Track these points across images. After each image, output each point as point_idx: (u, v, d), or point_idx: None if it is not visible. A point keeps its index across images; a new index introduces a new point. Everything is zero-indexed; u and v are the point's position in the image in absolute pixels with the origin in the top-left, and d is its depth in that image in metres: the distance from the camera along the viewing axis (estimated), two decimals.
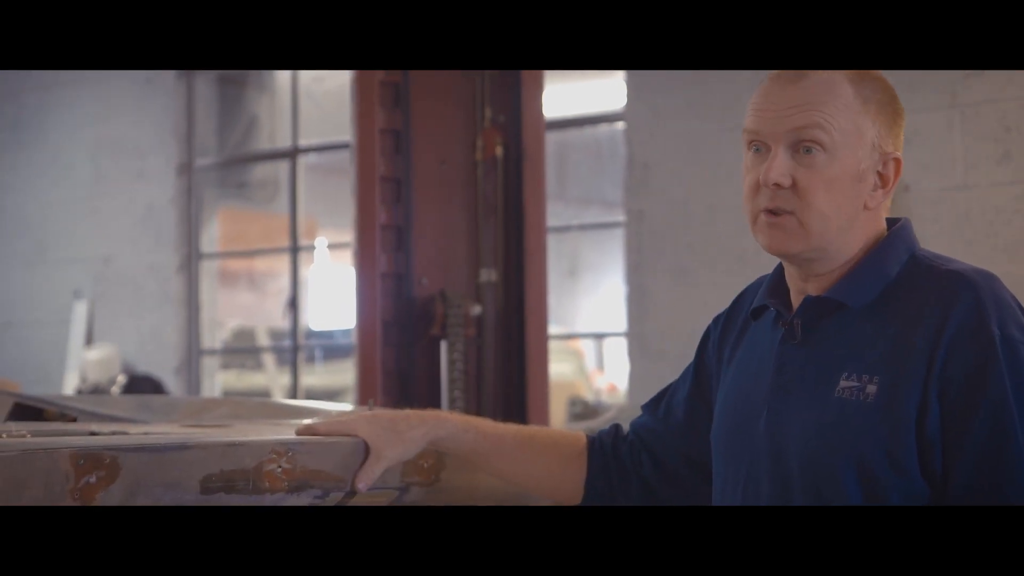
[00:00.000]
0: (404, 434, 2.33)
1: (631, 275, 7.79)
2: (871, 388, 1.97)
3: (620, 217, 8.08)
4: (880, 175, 2.07)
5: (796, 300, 2.14)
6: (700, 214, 7.46)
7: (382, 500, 2.36)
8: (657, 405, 2.42)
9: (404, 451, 2.34)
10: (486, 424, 2.45)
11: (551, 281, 6.26)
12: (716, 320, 2.37)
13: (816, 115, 2.04)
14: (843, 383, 2.00)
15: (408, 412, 2.40)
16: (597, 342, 12.32)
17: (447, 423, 2.38)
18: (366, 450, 2.30)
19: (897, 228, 2.11)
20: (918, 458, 1.94)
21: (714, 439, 2.22)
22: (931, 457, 1.93)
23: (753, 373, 2.16)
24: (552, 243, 6.65)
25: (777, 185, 2.04)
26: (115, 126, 9.80)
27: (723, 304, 2.42)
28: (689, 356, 2.43)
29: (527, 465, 2.43)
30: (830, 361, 2.03)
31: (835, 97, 2.04)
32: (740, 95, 7.97)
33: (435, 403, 5.74)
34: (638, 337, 7.73)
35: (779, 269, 2.20)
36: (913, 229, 2.13)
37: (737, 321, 2.29)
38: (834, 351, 2.04)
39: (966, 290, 1.96)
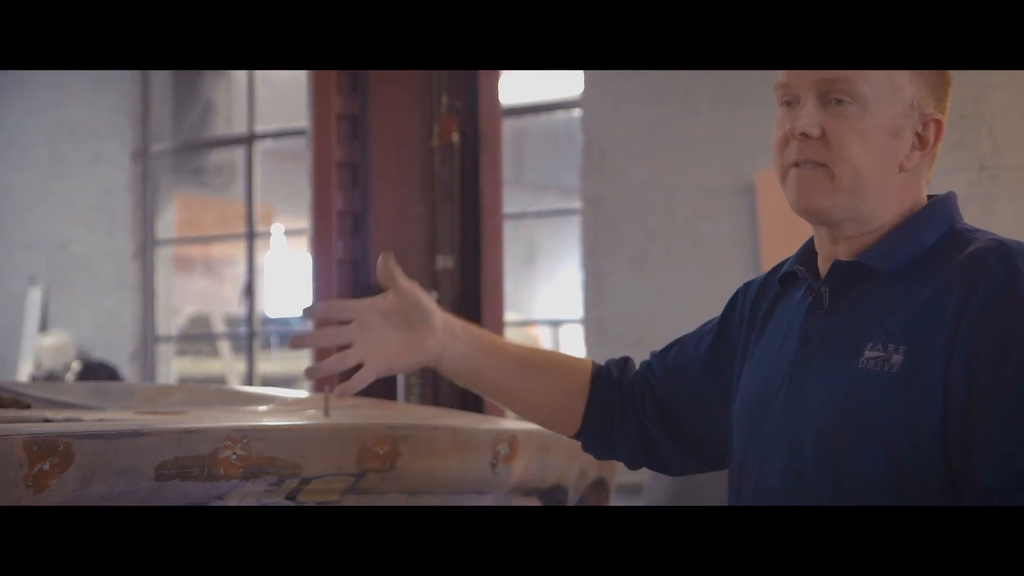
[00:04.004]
0: (423, 340, 2.25)
1: (588, 261, 7.79)
2: (897, 358, 1.86)
3: (577, 204, 8.09)
4: (919, 136, 2.00)
5: (824, 268, 2.04)
6: (657, 199, 7.47)
7: (338, 486, 2.36)
8: (668, 353, 2.33)
9: (399, 362, 2.28)
10: (489, 339, 2.38)
11: (508, 268, 6.25)
12: (747, 286, 2.25)
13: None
14: (868, 353, 1.89)
15: (446, 320, 2.31)
16: (554, 329, 12.31)
17: (447, 336, 2.29)
18: (355, 439, 2.35)
19: (939, 199, 2.02)
20: (941, 432, 1.83)
21: (736, 410, 2.13)
22: (956, 430, 1.82)
23: (779, 344, 2.07)
24: (509, 230, 6.64)
25: (805, 135, 1.96)
26: (70, 111, 9.74)
27: (680, 290, 2.41)
28: (646, 342, 2.41)
29: (524, 386, 2.34)
30: (856, 331, 1.93)
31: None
32: (698, 80, 8.02)
33: (391, 390, 5.73)
34: (595, 323, 7.74)
35: (811, 239, 2.10)
36: (957, 201, 2.04)
37: (770, 291, 2.18)
38: (861, 320, 1.94)
39: (1000, 257, 1.85)
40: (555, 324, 12.26)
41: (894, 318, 1.90)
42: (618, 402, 2.33)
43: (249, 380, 9.67)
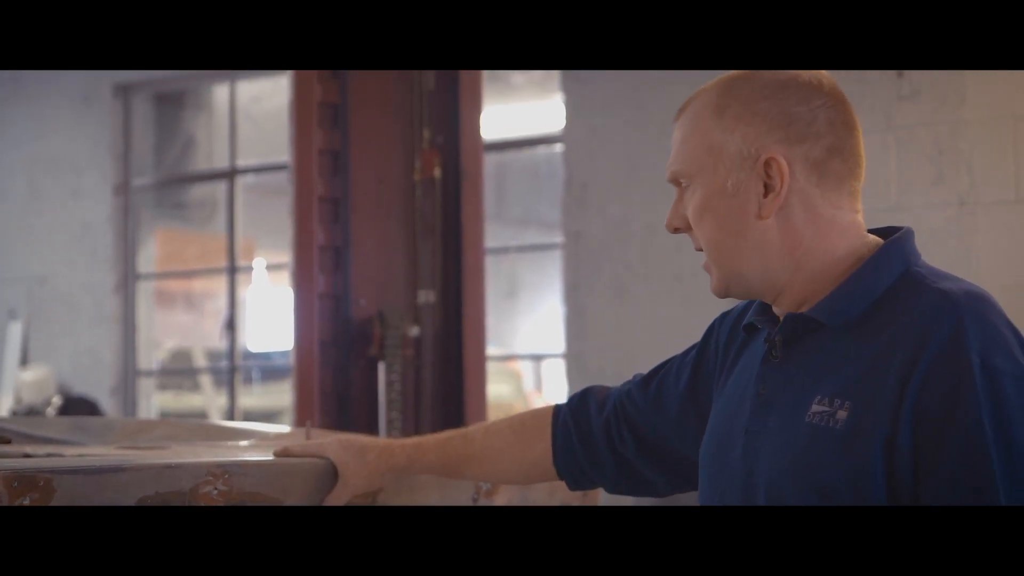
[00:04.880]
0: (371, 464, 2.37)
1: (569, 295, 7.79)
2: (841, 414, 1.84)
3: (558, 238, 8.09)
4: (768, 176, 1.93)
5: (781, 316, 2.01)
6: (638, 233, 7.47)
7: None
8: (648, 385, 2.31)
9: (369, 482, 2.38)
10: (447, 439, 2.43)
11: (489, 302, 6.26)
12: (724, 316, 2.23)
13: (675, 151, 2.01)
14: (814, 407, 1.87)
15: (376, 442, 2.43)
16: (535, 363, 12.31)
17: (406, 451, 2.40)
18: (335, 474, 2.35)
19: (891, 243, 1.96)
20: (886, 490, 1.81)
21: (700, 457, 2.11)
22: (901, 489, 1.80)
23: (740, 392, 2.04)
24: (491, 264, 6.65)
25: (676, 230, 2.04)
26: (51, 144, 9.72)
27: (662, 323, 2.39)
28: (627, 376, 2.38)
29: (496, 464, 2.41)
30: (807, 382, 1.91)
31: (693, 120, 2.00)
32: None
33: (373, 424, 5.72)
34: (576, 358, 7.73)
35: None
36: (914, 239, 1.99)
37: (740, 334, 2.15)
38: (811, 371, 1.92)
39: (948, 313, 1.82)
40: (537, 358, 12.26)
41: (843, 372, 1.88)
42: (581, 445, 2.35)
43: (231, 415, 9.63)
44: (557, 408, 2.40)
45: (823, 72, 2.00)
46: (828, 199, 1.95)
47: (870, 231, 2.01)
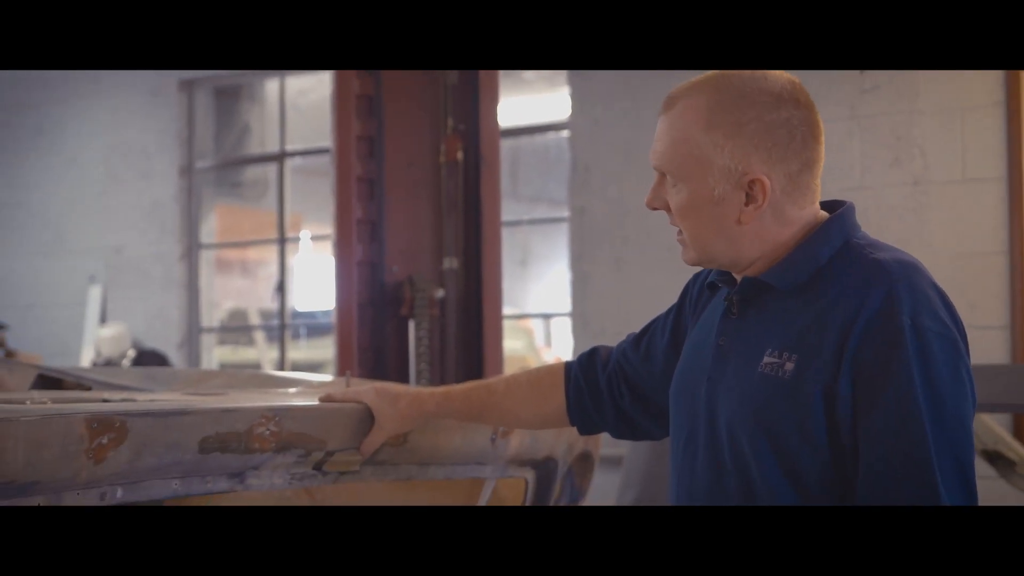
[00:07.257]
0: (402, 411, 2.37)
1: (574, 263, 7.79)
2: (789, 365, 1.86)
3: (565, 213, 8.08)
4: (749, 193, 1.92)
5: (739, 279, 2.03)
6: (634, 210, 7.46)
7: (358, 458, 2.36)
8: (639, 343, 2.32)
9: (400, 426, 2.38)
10: (471, 388, 2.43)
11: (505, 268, 6.26)
12: (696, 276, 2.24)
13: (663, 147, 1.98)
14: (766, 359, 1.89)
15: (407, 390, 2.43)
16: (545, 321, 12.31)
17: (435, 399, 2.40)
18: (371, 418, 2.35)
19: (834, 218, 1.96)
20: (827, 434, 1.83)
21: (670, 397, 2.13)
22: (841, 434, 1.83)
23: (702, 341, 2.06)
24: (506, 236, 6.65)
25: (655, 208, 2.02)
26: (125, 132, 9.72)
27: (654, 288, 2.38)
28: (623, 333, 2.39)
29: (515, 412, 2.40)
30: (759, 337, 1.93)
31: (684, 126, 1.95)
32: None
33: (404, 374, 5.74)
34: (580, 317, 7.74)
35: None
36: (854, 214, 1.99)
37: (706, 292, 2.17)
38: (764, 328, 1.94)
39: (881, 279, 1.84)
40: (546, 317, 12.26)
41: (791, 328, 1.90)
42: (590, 399, 2.36)
43: (281, 366, 9.66)
44: (568, 365, 2.40)
45: (797, 83, 1.97)
46: (795, 203, 1.96)
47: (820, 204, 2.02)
